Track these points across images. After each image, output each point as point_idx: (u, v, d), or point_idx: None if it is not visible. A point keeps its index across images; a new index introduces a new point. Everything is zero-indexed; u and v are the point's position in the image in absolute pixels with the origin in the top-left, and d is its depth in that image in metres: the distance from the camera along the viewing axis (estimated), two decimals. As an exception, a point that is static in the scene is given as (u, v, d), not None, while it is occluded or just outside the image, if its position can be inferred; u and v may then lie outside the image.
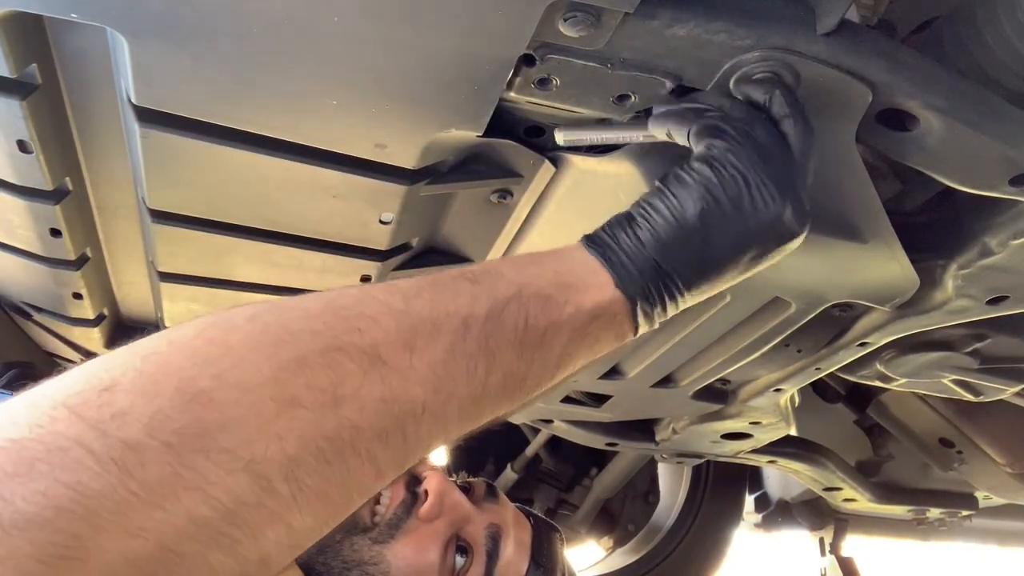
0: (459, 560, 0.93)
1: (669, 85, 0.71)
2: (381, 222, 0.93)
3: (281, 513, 0.45)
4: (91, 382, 0.42)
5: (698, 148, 0.66)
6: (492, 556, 0.95)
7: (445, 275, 0.56)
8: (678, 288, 0.64)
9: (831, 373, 1.29)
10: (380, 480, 0.51)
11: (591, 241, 0.64)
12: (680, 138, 0.69)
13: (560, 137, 0.79)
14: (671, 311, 0.65)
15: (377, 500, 0.97)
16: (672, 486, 2.72)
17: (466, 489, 1.02)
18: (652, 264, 0.63)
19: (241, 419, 0.43)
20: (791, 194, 0.64)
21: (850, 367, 1.27)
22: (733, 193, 0.63)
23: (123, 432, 0.40)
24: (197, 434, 0.42)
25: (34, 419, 0.40)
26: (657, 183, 0.66)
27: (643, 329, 0.65)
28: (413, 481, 1.00)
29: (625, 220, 0.65)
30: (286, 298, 0.51)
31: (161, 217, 0.92)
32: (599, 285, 0.62)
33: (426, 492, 0.97)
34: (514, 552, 0.97)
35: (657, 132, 0.71)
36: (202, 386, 0.43)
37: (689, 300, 0.65)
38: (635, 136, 0.75)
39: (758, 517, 2.75)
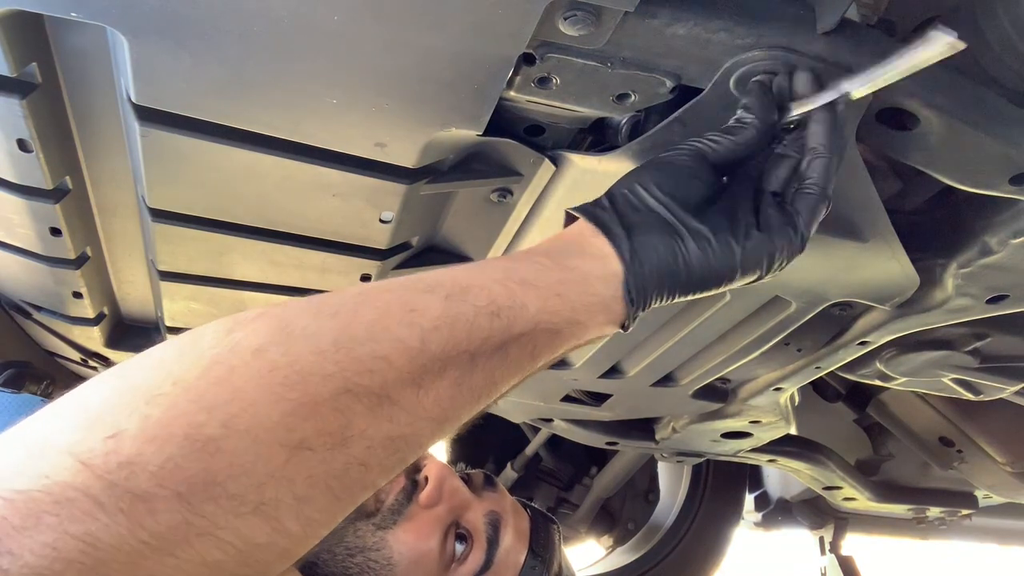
0: (459, 547, 0.93)
1: (669, 84, 0.71)
2: (381, 221, 0.93)
3: (291, 549, 0.46)
4: (95, 427, 0.41)
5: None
6: (492, 543, 0.95)
7: (469, 305, 0.54)
8: (670, 298, 0.65)
9: (831, 372, 1.29)
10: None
11: (629, 272, 0.62)
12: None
13: (858, 93, 0.65)
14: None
15: None
16: (672, 485, 2.72)
17: (465, 479, 1.02)
18: (665, 290, 0.63)
19: (250, 465, 0.43)
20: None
21: (850, 366, 1.27)
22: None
23: (131, 482, 0.39)
24: (207, 482, 0.41)
25: (39, 469, 0.39)
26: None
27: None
28: (412, 468, 1.00)
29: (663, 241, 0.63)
30: (293, 317, 0.49)
31: (161, 216, 0.92)
32: (608, 322, 0.62)
33: (426, 479, 0.97)
34: (513, 540, 0.97)
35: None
36: (211, 434, 0.42)
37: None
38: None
39: (758, 516, 2.75)
